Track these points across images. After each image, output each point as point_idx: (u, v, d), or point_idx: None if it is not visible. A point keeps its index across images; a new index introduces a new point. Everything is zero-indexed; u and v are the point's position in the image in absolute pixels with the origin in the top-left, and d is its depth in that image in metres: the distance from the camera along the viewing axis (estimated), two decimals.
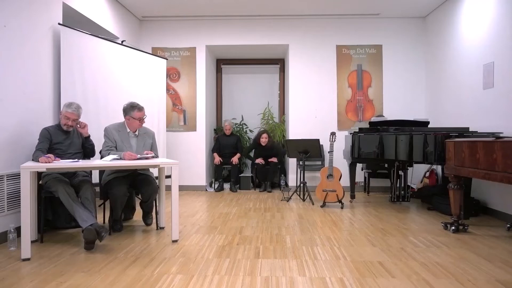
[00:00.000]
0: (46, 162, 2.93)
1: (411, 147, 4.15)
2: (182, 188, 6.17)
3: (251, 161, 6.63)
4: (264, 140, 6.26)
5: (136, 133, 3.69)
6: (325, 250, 3.00)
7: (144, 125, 3.92)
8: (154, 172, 4.04)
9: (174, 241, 3.22)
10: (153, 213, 3.86)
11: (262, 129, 6.69)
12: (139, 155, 3.37)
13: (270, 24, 6.29)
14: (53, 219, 3.63)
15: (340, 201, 4.78)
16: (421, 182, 5.39)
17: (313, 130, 6.18)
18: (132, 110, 3.59)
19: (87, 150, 3.62)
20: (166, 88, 5.75)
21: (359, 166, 5.76)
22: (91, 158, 3.67)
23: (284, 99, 7.17)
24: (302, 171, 5.24)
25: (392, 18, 6.20)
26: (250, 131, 7.32)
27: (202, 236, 3.44)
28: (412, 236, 3.41)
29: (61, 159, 3.25)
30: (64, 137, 3.45)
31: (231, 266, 2.63)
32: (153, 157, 3.57)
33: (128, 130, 3.65)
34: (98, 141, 3.75)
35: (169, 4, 5.68)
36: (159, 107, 5.42)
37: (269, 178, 6.34)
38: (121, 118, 3.72)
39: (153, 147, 3.78)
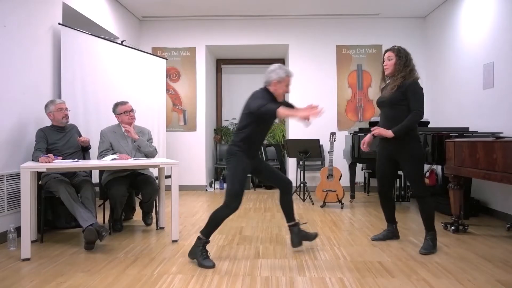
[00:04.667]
0: (46, 162, 2.93)
1: None
2: (182, 188, 6.16)
3: None
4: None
5: None
6: (325, 250, 3.00)
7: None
8: (154, 172, 4.04)
9: (174, 241, 3.22)
10: (153, 213, 3.86)
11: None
12: (134, 158, 3.41)
13: (270, 24, 6.29)
14: (53, 219, 3.63)
15: (340, 201, 4.78)
16: None
17: (313, 130, 6.17)
18: (116, 107, 3.65)
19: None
20: (166, 88, 5.74)
21: (359, 166, 5.75)
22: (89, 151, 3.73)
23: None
24: (302, 171, 5.24)
25: (392, 18, 6.19)
26: None
27: None
28: (412, 236, 3.40)
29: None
30: (59, 137, 3.45)
31: (231, 266, 2.63)
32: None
33: (123, 130, 3.66)
34: (98, 141, 3.74)
35: (169, 4, 5.68)
36: (159, 107, 5.42)
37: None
38: None
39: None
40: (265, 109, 2.54)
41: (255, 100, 2.66)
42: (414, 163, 2.90)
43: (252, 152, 2.79)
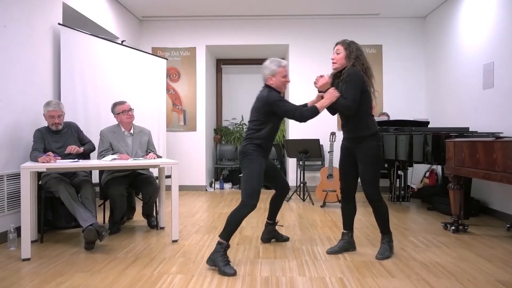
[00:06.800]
0: (46, 161, 2.93)
1: (411, 147, 4.14)
2: (182, 188, 6.15)
3: None
4: None
5: (131, 131, 3.70)
6: (325, 250, 2.99)
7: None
8: (154, 172, 4.04)
9: (174, 241, 3.22)
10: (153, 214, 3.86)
11: None
12: (134, 157, 3.43)
13: (270, 24, 6.29)
14: (53, 219, 3.63)
15: (340, 201, 4.76)
16: (421, 182, 5.39)
17: (313, 130, 6.17)
18: (114, 107, 3.65)
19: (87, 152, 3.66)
20: (166, 88, 5.74)
21: None
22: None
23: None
24: (302, 171, 5.24)
25: (392, 18, 6.19)
26: None
27: (202, 236, 3.44)
28: (412, 236, 3.40)
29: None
30: (56, 139, 3.43)
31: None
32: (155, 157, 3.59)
33: (123, 129, 3.66)
34: (98, 141, 3.74)
35: (169, 4, 5.67)
36: (159, 107, 5.42)
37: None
38: None
39: (149, 144, 3.79)
40: (310, 113, 2.79)
41: (283, 106, 2.75)
42: (367, 164, 2.73)
43: (267, 151, 2.83)
